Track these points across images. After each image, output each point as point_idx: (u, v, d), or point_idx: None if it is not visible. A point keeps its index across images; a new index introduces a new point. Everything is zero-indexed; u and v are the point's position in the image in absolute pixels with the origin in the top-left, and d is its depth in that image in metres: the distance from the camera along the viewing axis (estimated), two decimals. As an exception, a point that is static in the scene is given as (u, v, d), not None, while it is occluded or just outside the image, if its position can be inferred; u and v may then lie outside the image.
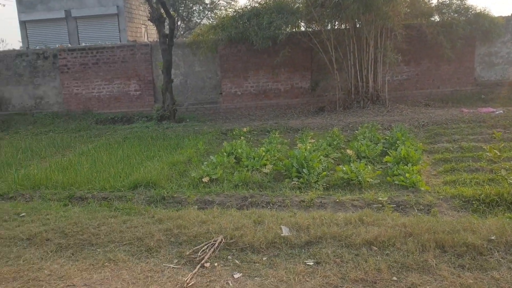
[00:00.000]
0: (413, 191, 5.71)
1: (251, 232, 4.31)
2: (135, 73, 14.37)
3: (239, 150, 7.96)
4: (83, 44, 16.04)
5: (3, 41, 53.88)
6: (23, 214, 5.33)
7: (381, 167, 6.99)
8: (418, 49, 13.78)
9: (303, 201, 5.62)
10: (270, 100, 14.23)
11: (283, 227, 4.41)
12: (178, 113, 13.03)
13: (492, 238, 3.77)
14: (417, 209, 5.15)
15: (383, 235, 4.14)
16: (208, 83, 14.48)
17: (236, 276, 3.62)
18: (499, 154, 5.12)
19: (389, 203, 5.21)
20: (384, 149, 7.76)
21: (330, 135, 9.26)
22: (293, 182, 6.40)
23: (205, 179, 6.64)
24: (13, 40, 68.16)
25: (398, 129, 9.03)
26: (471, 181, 5.89)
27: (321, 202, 5.59)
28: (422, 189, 5.70)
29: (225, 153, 7.92)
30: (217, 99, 14.40)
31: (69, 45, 15.60)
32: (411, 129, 9.83)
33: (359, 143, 7.74)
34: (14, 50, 14.89)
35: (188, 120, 12.79)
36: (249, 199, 5.80)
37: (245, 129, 10.39)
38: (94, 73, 14.40)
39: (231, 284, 3.50)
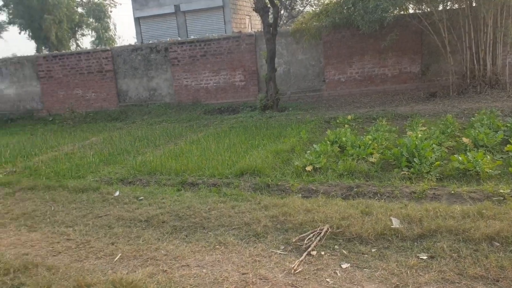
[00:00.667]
0: (543, 184, 5.13)
1: (359, 223, 4.19)
2: (240, 63, 14.73)
3: (343, 139, 7.78)
4: (191, 37, 16.80)
5: (120, 37, 58.68)
6: (141, 197, 5.76)
7: (502, 157, 6.37)
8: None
9: (414, 192, 5.33)
10: (376, 86, 13.71)
11: (393, 218, 4.22)
12: (281, 102, 13.12)
13: None
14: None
15: (506, 230, 3.77)
16: (311, 70, 14.37)
17: (344, 266, 3.55)
18: None
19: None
20: (505, 137, 7.07)
21: (443, 122, 8.67)
22: (402, 172, 6.10)
23: (309, 168, 6.60)
24: (129, 37, 73.94)
25: (522, 115, 8.16)
26: None
27: (434, 193, 5.25)
28: (553, 182, 5.10)
29: (328, 142, 7.80)
30: (320, 87, 14.24)
31: (179, 39, 16.44)
32: (539, 115, 8.82)
33: (476, 131, 7.13)
34: (130, 45, 16.08)
35: (290, 109, 12.82)
36: (355, 189, 5.65)
37: (349, 117, 10.15)
38: (202, 64, 15.04)
39: (339, 274, 3.44)
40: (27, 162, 8.62)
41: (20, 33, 28.48)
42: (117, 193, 6.03)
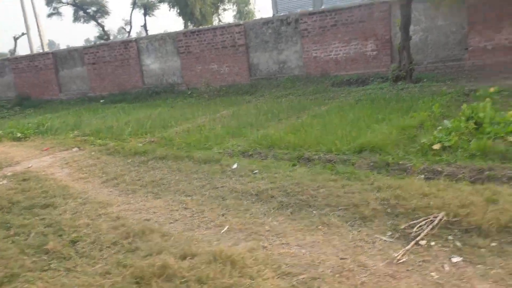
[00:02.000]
0: None
1: (481, 212, 3.71)
2: (372, 32, 13.98)
3: (481, 114, 6.93)
4: (323, 7, 16.42)
5: (259, 10, 60.13)
6: (256, 171, 5.88)
7: None
8: None
9: None
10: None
11: (524, 210, 3.65)
12: (415, 72, 12.17)
13: None
14: None
15: None
16: (451, 38, 13.01)
17: (454, 259, 3.19)
18: None
19: None
20: None
21: None
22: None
23: (436, 146, 6.04)
24: (268, 10, 75.49)
25: None
26: None
27: None
28: None
29: (463, 118, 7.01)
30: (461, 56, 12.84)
31: (310, 9, 16.19)
32: None
33: None
34: (261, 18, 16.31)
35: (426, 80, 11.82)
36: (486, 172, 5.02)
37: (492, 89, 8.98)
38: (332, 35, 14.63)
39: (447, 268, 3.11)
40: (164, 133, 9.41)
41: (169, 10, 30.91)
42: (235, 166, 6.25)
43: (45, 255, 3.96)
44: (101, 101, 17.75)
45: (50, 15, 31.50)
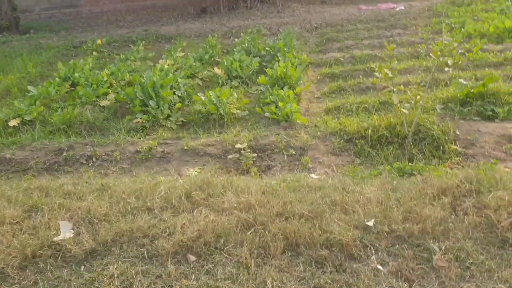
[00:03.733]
0: (286, 127, 4.36)
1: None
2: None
3: (77, 74, 6.03)
4: None
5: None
6: None
7: (256, 90, 5.54)
8: None
9: (139, 152, 4.07)
10: (144, 1, 11.85)
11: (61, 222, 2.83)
12: (25, 21, 10.35)
13: (369, 224, 2.51)
14: (287, 155, 3.84)
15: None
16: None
17: None
18: (390, 75, 3.86)
19: (249, 151, 3.80)
20: (263, 64, 6.25)
21: (206, 44, 7.52)
22: (136, 120, 4.77)
23: (13, 123, 4.79)
24: None
25: (285, 34, 7.48)
26: (358, 107, 4.65)
27: (164, 151, 4.07)
28: (299, 122, 4.37)
29: (57, 79, 5.97)
30: (77, 2, 11.71)
31: None
32: (302, 33, 8.35)
33: (231, 58, 6.13)
34: None
35: (32, 31, 10.16)
36: (65, 153, 4.13)
37: (99, 41, 8.23)
38: None
39: None
40: None
41: None
42: None
43: None
44: None
45: None
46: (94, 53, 7.74)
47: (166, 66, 5.79)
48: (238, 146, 3.86)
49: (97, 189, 3.13)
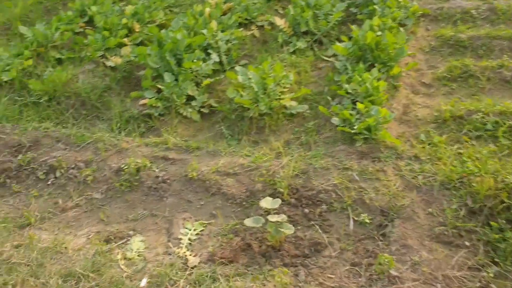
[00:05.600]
0: (364, 153, 2.60)
1: None
2: None
3: (94, 8, 4.44)
4: None
5: None
6: None
7: (334, 57, 3.63)
8: None
9: (122, 171, 2.60)
10: None
11: None
12: None
13: None
14: (355, 220, 2.14)
15: None
16: None
17: None
18: None
19: (285, 218, 2.13)
20: (351, 10, 4.19)
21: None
22: (142, 101, 3.24)
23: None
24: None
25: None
26: (499, 124, 2.67)
27: (159, 177, 2.60)
28: (388, 143, 2.56)
29: (70, 12, 4.43)
30: None
31: None
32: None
33: (303, 1, 4.11)
34: None
35: None
36: (22, 155, 2.80)
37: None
38: None
39: None
40: None
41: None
42: None
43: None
44: None
45: None
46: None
47: (207, 9, 3.97)
48: (265, 204, 2.15)
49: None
